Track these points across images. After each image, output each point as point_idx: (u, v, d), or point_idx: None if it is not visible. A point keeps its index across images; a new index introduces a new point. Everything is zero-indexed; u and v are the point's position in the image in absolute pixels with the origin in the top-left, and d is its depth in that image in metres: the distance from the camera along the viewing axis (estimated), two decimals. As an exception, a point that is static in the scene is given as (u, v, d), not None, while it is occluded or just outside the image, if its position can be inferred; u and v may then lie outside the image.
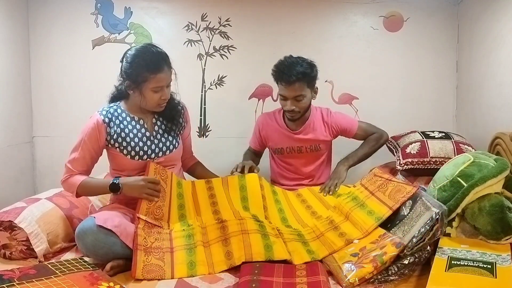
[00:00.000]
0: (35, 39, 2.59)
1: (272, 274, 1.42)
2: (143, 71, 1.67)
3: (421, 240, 1.48)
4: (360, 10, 2.71)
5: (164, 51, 1.75)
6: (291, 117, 2.12)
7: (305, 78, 2.01)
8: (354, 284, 1.40)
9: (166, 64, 1.71)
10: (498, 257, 1.42)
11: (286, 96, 2.04)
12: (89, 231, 1.52)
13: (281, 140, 2.20)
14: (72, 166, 1.74)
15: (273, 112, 2.28)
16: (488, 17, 2.35)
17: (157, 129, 1.83)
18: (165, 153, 1.82)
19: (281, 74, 2.00)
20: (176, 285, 1.43)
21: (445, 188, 1.73)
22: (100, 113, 1.76)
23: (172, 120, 1.86)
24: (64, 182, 1.76)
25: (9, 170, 2.41)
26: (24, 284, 1.24)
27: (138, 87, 1.70)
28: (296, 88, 2.00)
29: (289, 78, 1.98)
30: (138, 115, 1.81)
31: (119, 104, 1.81)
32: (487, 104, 2.38)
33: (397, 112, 2.74)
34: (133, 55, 1.70)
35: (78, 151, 1.74)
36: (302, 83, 2.01)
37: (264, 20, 2.67)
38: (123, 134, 1.75)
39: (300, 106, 2.06)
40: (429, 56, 2.73)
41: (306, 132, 2.18)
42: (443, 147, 2.16)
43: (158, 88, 1.71)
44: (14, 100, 2.45)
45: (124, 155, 1.75)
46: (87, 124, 1.75)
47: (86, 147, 1.74)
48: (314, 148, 2.19)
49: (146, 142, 1.78)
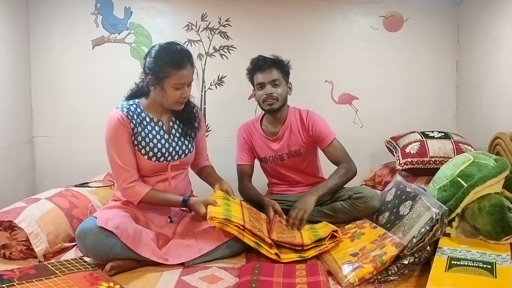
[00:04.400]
0: (35, 39, 2.59)
1: (272, 274, 1.42)
2: (166, 67, 1.66)
3: (421, 240, 1.48)
4: (360, 10, 2.71)
5: (188, 49, 1.76)
6: (269, 105, 2.07)
7: (279, 65, 2.09)
8: (354, 284, 1.41)
9: (189, 62, 1.71)
10: (498, 257, 1.42)
11: (264, 81, 2.06)
12: (90, 231, 1.52)
13: (263, 150, 2.18)
14: (124, 163, 1.68)
15: (251, 122, 2.26)
16: (488, 17, 2.35)
17: (174, 132, 1.83)
18: (180, 156, 1.82)
19: (257, 62, 2.10)
20: (176, 285, 1.43)
21: (445, 188, 1.73)
22: (121, 109, 1.72)
23: (189, 123, 1.86)
24: (126, 189, 1.70)
25: (9, 170, 2.41)
26: (24, 284, 1.24)
27: (160, 82, 1.69)
28: (272, 73, 2.06)
29: (265, 63, 2.07)
30: (156, 115, 1.80)
31: (138, 102, 1.79)
32: (487, 104, 2.38)
33: (397, 112, 2.75)
34: (157, 51, 1.71)
35: (116, 151, 1.68)
36: (277, 70, 2.07)
37: (264, 20, 2.67)
38: (143, 133, 1.74)
39: (278, 92, 2.07)
40: (429, 56, 2.73)
41: (283, 137, 2.14)
42: (443, 146, 2.16)
43: (180, 85, 1.70)
44: (14, 100, 2.45)
45: (142, 154, 1.73)
46: (109, 123, 1.69)
47: (121, 143, 1.68)
48: (294, 153, 2.15)
49: (165, 144, 1.78)
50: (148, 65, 1.71)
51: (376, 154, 2.69)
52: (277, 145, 2.15)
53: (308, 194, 1.96)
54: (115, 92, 2.58)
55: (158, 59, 1.68)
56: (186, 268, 1.58)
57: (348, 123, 2.72)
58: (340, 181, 2.01)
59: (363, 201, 1.91)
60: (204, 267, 1.59)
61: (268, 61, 2.07)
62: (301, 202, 1.92)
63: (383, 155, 2.54)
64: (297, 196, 2.13)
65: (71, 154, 2.65)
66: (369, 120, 2.75)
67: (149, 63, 1.71)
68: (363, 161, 2.26)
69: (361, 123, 2.76)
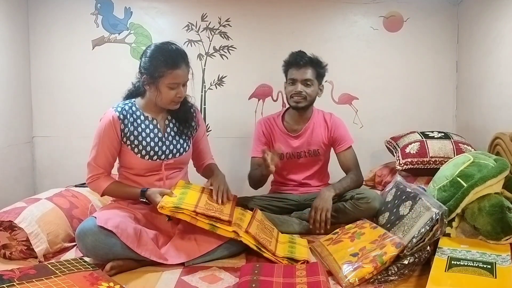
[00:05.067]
0: (35, 39, 2.59)
1: (272, 274, 1.42)
2: (161, 66, 1.67)
3: (421, 240, 1.48)
4: (360, 10, 2.71)
5: (184, 49, 1.77)
6: (296, 102, 2.09)
7: (316, 65, 2.09)
8: (354, 284, 1.41)
9: (184, 61, 1.72)
10: (498, 257, 1.42)
11: (297, 78, 2.07)
12: (90, 231, 1.52)
13: (282, 145, 2.16)
14: (96, 163, 1.73)
15: (272, 117, 2.26)
16: (488, 17, 2.35)
17: (169, 131, 1.83)
18: (175, 155, 1.82)
19: (294, 57, 2.10)
20: (176, 285, 1.43)
21: (445, 188, 1.73)
22: (115, 109, 1.74)
23: (185, 122, 1.86)
24: (91, 183, 1.76)
25: (9, 170, 2.41)
26: (24, 284, 1.24)
27: (154, 82, 1.70)
28: (307, 71, 2.07)
29: (301, 60, 2.07)
30: (152, 114, 1.80)
31: (134, 101, 1.80)
32: (487, 104, 2.38)
33: (397, 112, 2.75)
34: (152, 51, 1.72)
35: (97, 149, 1.73)
36: (312, 69, 2.08)
37: (264, 20, 2.67)
38: (136, 132, 1.75)
39: (307, 91, 2.07)
40: (429, 56, 2.73)
41: (305, 135, 2.16)
42: (443, 147, 2.16)
43: (174, 85, 1.70)
44: (14, 100, 2.45)
45: (135, 153, 1.74)
46: (102, 121, 1.74)
47: (105, 144, 1.72)
48: (313, 153, 2.17)
49: (158, 142, 1.78)
50: (143, 65, 1.73)
51: (376, 154, 2.69)
52: (298, 142, 2.16)
53: (325, 191, 1.97)
54: (115, 92, 2.59)
55: (153, 58, 1.69)
56: (186, 268, 1.58)
57: (348, 123, 2.69)
58: (352, 186, 2.06)
59: (364, 201, 1.91)
60: (204, 267, 1.59)
61: (306, 59, 2.08)
62: (320, 200, 1.92)
63: (383, 155, 2.54)
64: (299, 196, 2.13)
65: (71, 154, 2.65)
66: (369, 120, 2.75)
67: (144, 62, 1.72)
68: (363, 161, 2.26)
69: (361, 123, 2.76)
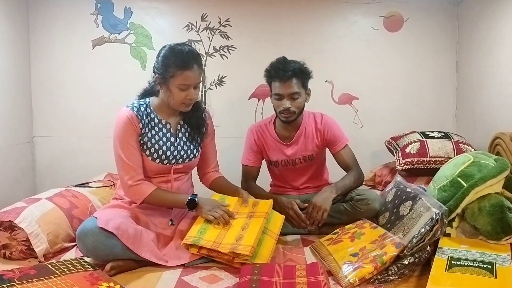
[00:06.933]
0: (35, 39, 2.59)
1: (272, 274, 1.42)
2: (171, 67, 1.67)
3: (421, 240, 1.48)
4: (360, 10, 2.71)
5: (197, 51, 1.76)
6: (286, 118, 2.01)
7: (300, 75, 1.98)
8: (354, 284, 1.41)
9: (196, 63, 1.70)
10: (498, 257, 1.42)
11: (282, 93, 1.97)
12: (90, 232, 1.52)
13: (275, 153, 2.14)
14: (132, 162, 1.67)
15: (264, 124, 2.17)
16: (488, 17, 2.35)
17: (181, 136, 1.82)
18: (185, 160, 1.81)
19: (277, 71, 1.97)
20: (176, 285, 1.43)
21: (445, 188, 1.73)
22: (131, 108, 1.72)
23: (197, 128, 1.85)
24: (132, 187, 1.68)
25: (9, 170, 2.41)
26: (24, 284, 1.24)
27: (165, 82, 1.70)
28: (292, 85, 1.95)
29: (285, 73, 1.94)
30: (165, 117, 1.79)
31: (148, 102, 1.79)
32: (487, 104, 2.38)
33: (397, 112, 2.75)
34: (165, 51, 1.72)
35: (124, 148, 1.68)
36: (297, 80, 1.96)
37: (264, 20, 2.67)
38: (149, 134, 1.74)
39: (295, 105, 1.99)
40: (429, 56, 2.73)
41: (298, 142, 2.11)
42: (443, 147, 2.16)
43: (184, 86, 1.69)
44: (14, 100, 2.45)
45: (146, 155, 1.73)
46: (118, 120, 1.69)
47: (128, 142, 1.68)
48: (308, 158, 2.12)
49: (170, 147, 1.78)
50: (156, 65, 1.74)
51: (376, 154, 2.70)
52: (291, 150, 2.11)
53: (327, 191, 1.92)
54: (115, 92, 2.62)
55: (165, 58, 1.70)
56: (186, 268, 1.58)
57: (348, 123, 2.72)
58: (355, 185, 2.01)
59: (364, 203, 1.90)
60: (204, 267, 1.59)
61: (289, 73, 1.94)
62: (320, 199, 1.88)
63: (383, 155, 2.54)
64: (299, 196, 2.13)
65: (71, 154, 2.65)
66: (369, 120, 2.76)
67: (157, 62, 1.73)
68: (363, 161, 2.25)
69: (361, 123, 2.76)
